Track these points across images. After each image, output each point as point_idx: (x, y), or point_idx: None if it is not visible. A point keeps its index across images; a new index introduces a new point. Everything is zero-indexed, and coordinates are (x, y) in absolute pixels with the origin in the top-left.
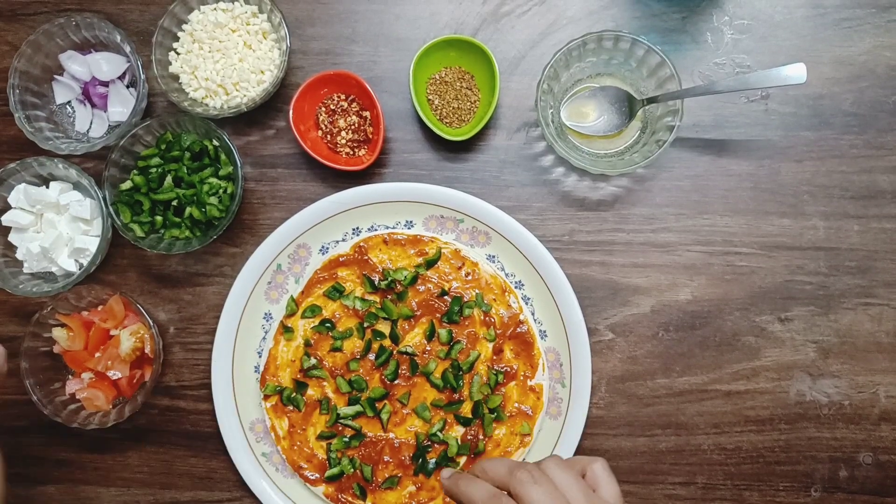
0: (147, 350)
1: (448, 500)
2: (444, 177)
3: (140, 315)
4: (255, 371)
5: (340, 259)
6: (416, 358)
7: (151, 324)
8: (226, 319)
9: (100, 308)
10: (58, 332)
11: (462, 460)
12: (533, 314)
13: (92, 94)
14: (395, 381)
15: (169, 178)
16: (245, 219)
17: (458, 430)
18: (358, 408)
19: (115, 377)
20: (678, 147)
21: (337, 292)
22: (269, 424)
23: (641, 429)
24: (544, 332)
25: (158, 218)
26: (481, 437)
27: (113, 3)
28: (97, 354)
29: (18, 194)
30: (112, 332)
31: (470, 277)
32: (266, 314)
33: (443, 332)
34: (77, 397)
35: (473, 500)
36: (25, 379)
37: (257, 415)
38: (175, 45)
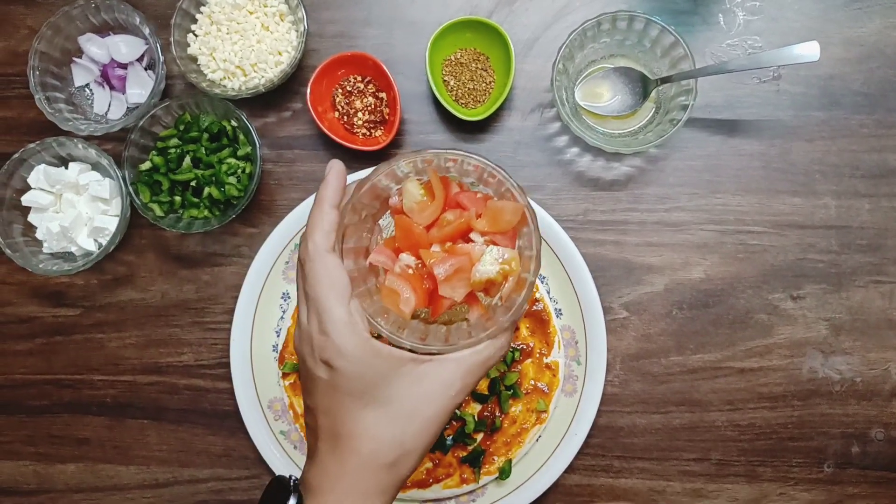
0: (504, 289)
1: (464, 475)
2: None
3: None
4: (274, 350)
5: None
6: None
7: (543, 280)
8: (244, 299)
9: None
10: (412, 187)
11: (479, 436)
12: (548, 293)
13: (111, 76)
14: None
15: (188, 159)
16: (262, 199)
17: (474, 407)
18: None
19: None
20: (690, 127)
21: None
22: (288, 402)
23: (656, 406)
24: (560, 310)
25: (177, 198)
26: (498, 413)
27: None
28: (434, 247)
29: (38, 175)
30: (474, 239)
31: None
32: (284, 293)
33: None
34: (379, 278)
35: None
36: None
37: (276, 393)
38: (193, 27)
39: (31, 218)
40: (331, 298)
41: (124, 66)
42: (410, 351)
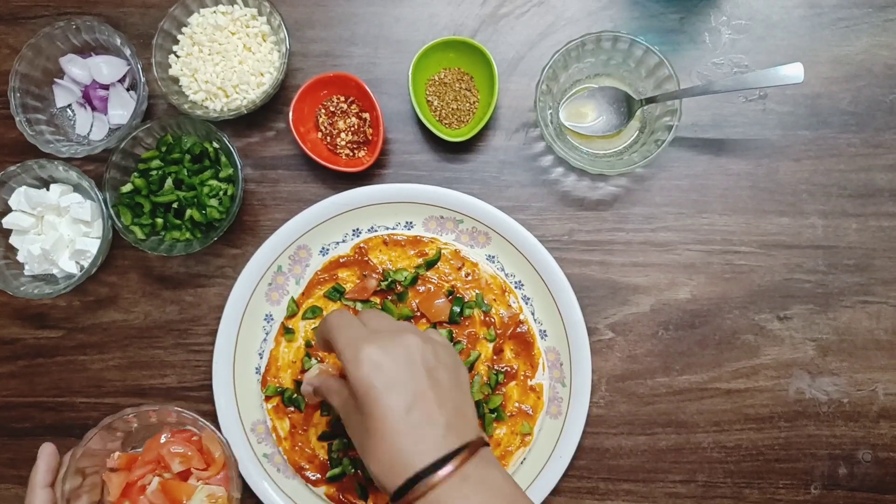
0: None
1: None
2: (443, 177)
3: (229, 477)
4: (257, 372)
5: (341, 260)
6: None
7: (238, 494)
8: (227, 321)
9: (188, 438)
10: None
11: None
12: (533, 314)
13: (92, 97)
14: None
15: (169, 181)
16: (246, 220)
17: None
18: None
19: None
20: (677, 147)
21: (337, 293)
22: (271, 425)
23: (642, 427)
24: (544, 331)
25: (159, 220)
26: None
27: (113, 7)
28: (151, 487)
29: (19, 197)
30: (191, 482)
31: (470, 278)
32: (267, 315)
33: (443, 333)
34: None
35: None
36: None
37: (258, 416)
38: (175, 47)
39: (13, 240)
40: None
41: (106, 87)
42: None
